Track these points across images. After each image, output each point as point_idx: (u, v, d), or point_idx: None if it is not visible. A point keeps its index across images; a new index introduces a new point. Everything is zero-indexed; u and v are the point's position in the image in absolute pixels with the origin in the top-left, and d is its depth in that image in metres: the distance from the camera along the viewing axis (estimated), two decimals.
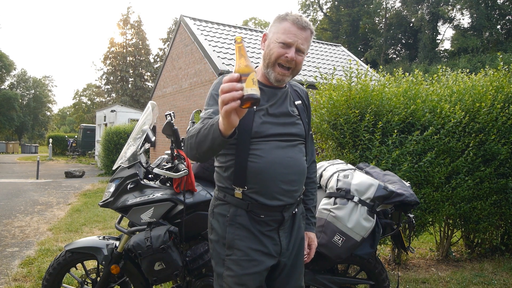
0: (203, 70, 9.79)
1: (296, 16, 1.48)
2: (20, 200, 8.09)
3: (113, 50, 37.72)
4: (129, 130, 13.65)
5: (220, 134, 1.21)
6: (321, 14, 39.06)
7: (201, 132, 1.31)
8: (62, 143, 31.25)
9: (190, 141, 1.37)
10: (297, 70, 1.52)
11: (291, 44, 1.46)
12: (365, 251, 2.21)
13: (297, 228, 1.62)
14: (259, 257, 1.49)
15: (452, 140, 3.68)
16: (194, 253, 2.23)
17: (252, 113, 1.46)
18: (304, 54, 1.51)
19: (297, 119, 1.57)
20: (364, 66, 11.73)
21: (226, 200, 1.54)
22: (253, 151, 1.46)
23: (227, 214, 1.52)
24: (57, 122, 64.56)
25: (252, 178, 1.46)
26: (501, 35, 29.21)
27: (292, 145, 1.53)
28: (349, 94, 3.61)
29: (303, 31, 1.48)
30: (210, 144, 1.27)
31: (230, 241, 1.50)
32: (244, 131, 1.44)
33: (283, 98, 1.57)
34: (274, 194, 1.48)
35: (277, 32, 1.49)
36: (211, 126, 1.26)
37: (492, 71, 4.24)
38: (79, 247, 2.39)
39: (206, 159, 1.41)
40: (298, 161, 1.54)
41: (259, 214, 1.49)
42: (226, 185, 1.53)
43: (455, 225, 4.14)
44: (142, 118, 2.53)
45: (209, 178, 2.44)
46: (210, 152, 1.32)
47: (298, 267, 1.63)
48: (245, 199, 1.49)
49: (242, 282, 1.48)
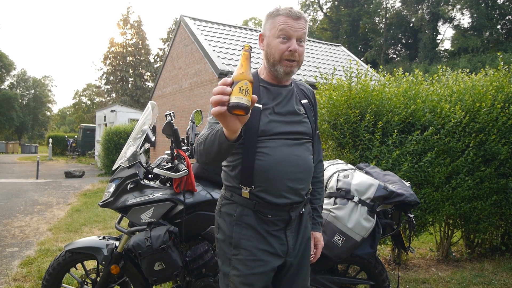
0: (203, 70, 9.79)
1: (288, 8, 1.48)
2: (20, 200, 8.09)
3: (113, 50, 37.73)
4: (129, 130, 13.65)
5: (226, 139, 1.23)
6: (321, 14, 39.10)
7: (208, 139, 1.33)
8: (62, 143, 31.24)
9: (199, 148, 1.39)
10: (301, 61, 1.54)
11: (290, 36, 1.47)
12: (365, 251, 2.21)
13: (304, 228, 1.62)
14: (265, 257, 1.49)
15: (452, 140, 3.68)
16: (194, 253, 2.23)
17: (258, 112, 1.47)
18: (304, 43, 1.52)
19: (303, 117, 1.57)
20: (364, 66, 11.73)
21: (233, 200, 1.54)
22: (260, 149, 1.46)
23: (234, 213, 1.52)
24: (57, 122, 64.55)
25: (259, 177, 1.46)
26: (501, 35, 29.21)
27: (299, 143, 1.53)
28: (349, 94, 3.61)
29: (298, 21, 1.48)
30: (217, 149, 1.29)
31: (237, 241, 1.50)
32: (251, 130, 1.45)
33: (288, 96, 1.57)
34: (281, 192, 1.48)
35: (273, 28, 1.49)
36: (216, 132, 1.29)
37: (492, 71, 4.24)
38: (79, 247, 2.39)
39: (217, 164, 1.43)
40: (305, 159, 1.54)
41: (266, 214, 1.49)
42: (234, 184, 1.53)
43: (455, 225, 4.14)
44: (142, 118, 2.53)
45: (209, 178, 2.44)
46: (219, 157, 1.34)
47: (304, 267, 1.63)
48: (252, 199, 1.49)
49: (249, 282, 1.48)
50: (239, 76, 1.17)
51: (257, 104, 1.48)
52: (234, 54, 9.84)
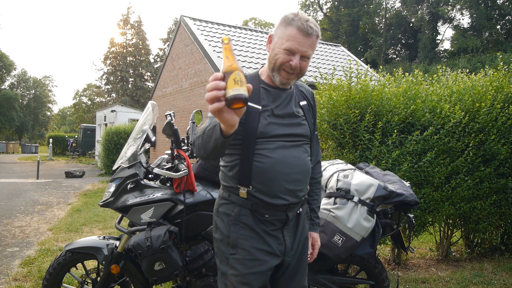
0: (203, 70, 9.80)
1: (302, 22, 1.44)
2: (20, 200, 8.10)
3: (113, 50, 37.72)
4: (129, 130, 13.65)
5: (221, 134, 1.21)
6: (321, 14, 39.06)
7: (206, 133, 1.32)
8: (62, 143, 31.25)
9: (198, 142, 1.38)
10: (302, 74, 1.53)
11: (295, 51, 1.45)
12: (365, 251, 2.22)
13: (301, 228, 1.63)
14: (263, 256, 1.51)
15: (452, 140, 3.68)
16: (194, 253, 2.23)
17: (257, 114, 1.48)
18: (309, 59, 1.50)
19: (302, 119, 1.58)
20: (364, 66, 11.73)
21: (230, 200, 1.55)
22: (258, 151, 1.47)
23: (232, 213, 1.53)
24: (57, 122, 64.56)
25: (257, 178, 1.48)
26: (501, 35, 29.21)
27: (297, 145, 1.54)
28: (349, 94, 3.61)
29: (308, 38, 1.45)
30: (213, 144, 1.27)
31: (234, 241, 1.51)
32: (250, 131, 1.46)
33: (288, 99, 1.58)
34: (278, 193, 1.49)
35: (282, 37, 1.47)
36: (213, 126, 1.27)
37: (492, 71, 4.25)
38: (79, 247, 2.40)
39: (214, 159, 1.40)
40: (303, 161, 1.55)
41: (263, 214, 1.50)
42: (231, 185, 1.54)
43: (455, 225, 4.14)
44: (142, 118, 2.53)
45: (209, 178, 2.44)
46: (215, 152, 1.32)
47: (302, 267, 1.64)
48: (249, 199, 1.50)
49: (246, 281, 1.49)
50: (229, 67, 1.10)
51: (256, 105, 1.49)
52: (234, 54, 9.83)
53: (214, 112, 1.12)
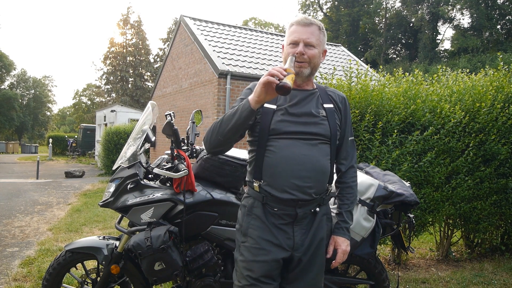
0: (203, 70, 9.79)
1: (300, 18, 1.64)
2: (20, 200, 8.10)
3: (113, 50, 37.72)
4: (129, 130, 13.65)
5: (249, 106, 1.44)
6: (321, 14, 39.04)
7: (229, 113, 1.52)
8: (62, 143, 31.25)
9: (214, 127, 1.55)
10: (314, 63, 1.63)
11: (297, 41, 1.60)
12: (365, 251, 2.21)
13: (316, 227, 1.65)
14: (268, 247, 1.58)
15: (452, 140, 3.68)
16: (194, 253, 2.23)
17: (271, 112, 1.60)
18: (314, 47, 1.61)
19: (321, 119, 1.63)
20: (364, 66, 11.73)
21: (249, 193, 1.68)
22: (269, 147, 1.58)
23: (247, 205, 1.66)
24: (57, 122, 64.55)
25: (266, 172, 1.59)
26: (501, 35, 29.20)
27: (311, 144, 1.59)
28: (349, 94, 3.61)
29: (307, 27, 1.61)
30: (237, 118, 1.47)
31: (245, 229, 1.64)
32: (264, 128, 1.59)
33: (307, 99, 1.66)
34: (285, 187, 1.56)
35: (287, 37, 1.66)
36: (239, 105, 1.50)
37: (492, 71, 4.24)
38: (79, 247, 2.39)
39: (224, 143, 1.56)
40: (314, 159, 1.58)
41: (273, 207, 1.59)
42: (250, 179, 1.67)
43: (455, 225, 4.14)
44: (142, 118, 2.53)
45: (209, 178, 2.44)
46: (232, 130, 1.50)
47: (315, 265, 1.66)
48: (261, 192, 1.61)
49: (250, 267, 1.59)
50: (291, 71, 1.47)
51: (271, 105, 1.61)
52: (234, 54, 9.84)
53: (265, 82, 1.39)
